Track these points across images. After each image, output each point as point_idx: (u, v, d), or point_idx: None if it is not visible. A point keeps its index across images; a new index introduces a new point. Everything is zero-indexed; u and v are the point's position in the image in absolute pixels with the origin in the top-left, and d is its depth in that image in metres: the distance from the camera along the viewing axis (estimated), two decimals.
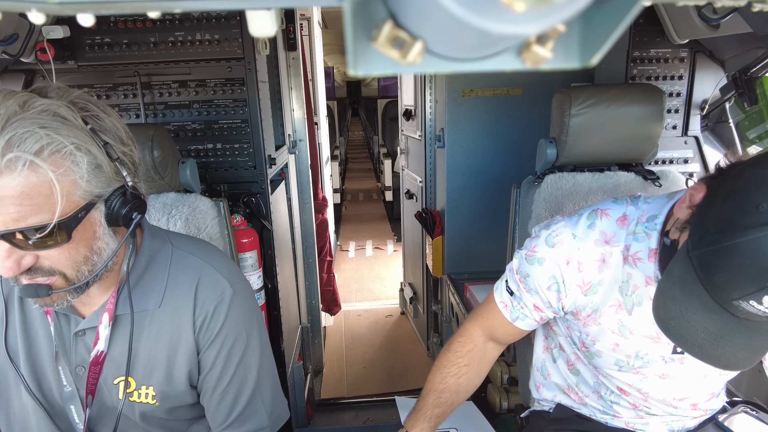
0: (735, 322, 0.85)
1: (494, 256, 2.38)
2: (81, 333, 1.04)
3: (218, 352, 1.09)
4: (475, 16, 0.27)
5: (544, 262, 1.17)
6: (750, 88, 1.71)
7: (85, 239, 0.90)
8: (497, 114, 2.35)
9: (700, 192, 0.93)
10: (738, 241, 0.79)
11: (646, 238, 1.09)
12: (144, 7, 0.38)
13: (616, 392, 1.26)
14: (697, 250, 0.87)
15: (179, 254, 1.10)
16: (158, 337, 1.07)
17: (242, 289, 1.14)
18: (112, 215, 0.92)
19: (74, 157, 0.83)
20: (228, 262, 1.17)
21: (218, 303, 1.08)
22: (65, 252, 0.88)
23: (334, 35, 6.48)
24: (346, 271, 5.13)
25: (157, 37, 1.76)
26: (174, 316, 1.06)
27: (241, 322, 1.11)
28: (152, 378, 1.07)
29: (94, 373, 1.04)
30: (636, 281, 1.12)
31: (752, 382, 1.67)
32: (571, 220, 1.18)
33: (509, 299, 1.27)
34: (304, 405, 2.52)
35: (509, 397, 2.12)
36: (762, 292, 0.79)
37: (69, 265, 0.89)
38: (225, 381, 1.11)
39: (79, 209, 0.86)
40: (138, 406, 1.08)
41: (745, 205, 0.81)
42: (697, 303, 0.87)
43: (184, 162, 1.60)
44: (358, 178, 9.85)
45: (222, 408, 1.12)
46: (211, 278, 1.09)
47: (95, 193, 0.88)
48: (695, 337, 0.88)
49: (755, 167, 0.85)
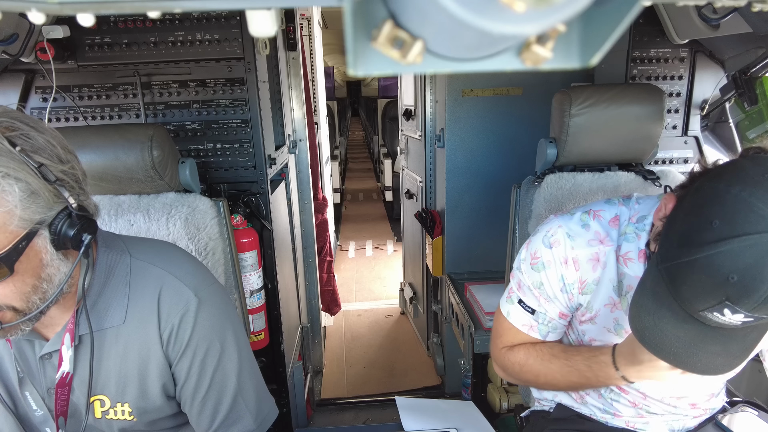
0: (707, 330, 0.87)
1: (494, 256, 2.38)
2: (47, 356, 1.00)
3: (191, 363, 1.05)
4: (475, 16, 0.27)
5: (550, 264, 1.17)
6: (750, 88, 1.71)
7: (30, 269, 0.84)
8: (497, 114, 2.35)
9: (670, 203, 0.95)
10: (695, 257, 0.81)
11: (636, 238, 1.10)
12: (144, 7, 0.38)
13: (616, 391, 1.26)
14: (664, 263, 0.88)
15: (138, 264, 1.04)
16: (126, 353, 1.02)
17: (209, 295, 1.08)
18: (59, 239, 0.86)
19: (1, 186, 0.78)
20: (192, 268, 1.10)
21: (183, 314, 1.03)
22: (10, 285, 0.83)
23: (334, 35, 6.48)
24: (346, 271, 5.13)
25: (157, 37, 1.76)
26: (140, 330, 1.02)
27: (211, 331, 1.06)
28: (126, 395, 1.04)
29: (62, 394, 1.00)
30: (629, 281, 1.12)
31: (752, 382, 1.67)
32: (564, 218, 1.18)
33: (532, 319, 1.22)
34: (304, 405, 2.52)
35: (509, 397, 2.13)
36: (722, 305, 0.80)
37: (17, 298, 0.85)
38: (203, 390, 1.07)
39: (18, 240, 0.81)
40: (116, 423, 1.06)
41: (701, 221, 0.82)
42: (668, 314, 0.88)
43: (183, 162, 1.60)
44: (358, 178, 9.84)
45: (204, 417, 1.09)
46: (174, 289, 1.03)
47: (35, 219, 0.83)
48: (669, 345, 0.90)
49: (713, 181, 0.86)
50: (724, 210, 0.80)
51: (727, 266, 0.78)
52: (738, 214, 0.79)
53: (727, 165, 0.90)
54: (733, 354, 0.90)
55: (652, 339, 0.92)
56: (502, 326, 1.28)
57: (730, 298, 0.79)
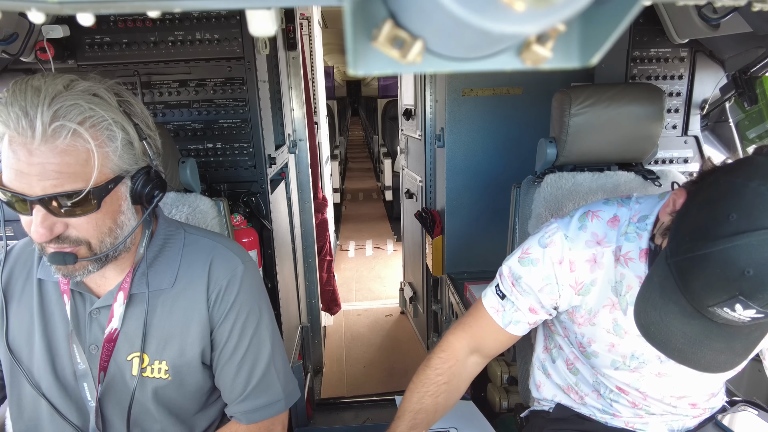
0: (713, 326, 0.87)
1: (494, 256, 2.36)
2: (96, 312, 1.09)
3: (233, 325, 1.14)
4: (475, 16, 0.27)
5: (538, 262, 1.17)
6: (750, 87, 1.71)
7: (111, 211, 0.97)
8: (497, 114, 2.35)
9: (681, 198, 0.94)
10: (709, 251, 0.81)
11: (638, 238, 1.10)
12: (144, 7, 0.38)
13: (615, 391, 1.26)
14: (674, 257, 0.88)
15: (192, 238, 1.17)
16: (171, 313, 1.11)
17: (252, 267, 1.20)
18: (136, 192, 0.99)
19: (111, 131, 0.92)
20: (238, 245, 1.24)
21: (231, 277, 1.14)
22: (93, 221, 0.94)
23: (334, 34, 6.48)
24: (346, 271, 5.13)
25: (156, 36, 1.76)
26: (187, 293, 1.12)
27: (253, 297, 1.17)
28: (165, 352, 1.11)
29: (107, 350, 1.08)
30: (629, 281, 1.12)
31: (752, 381, 1.67)
32: (563, 221, 1.19)
33: (500, 303, 1.24)
34: (304, 404, 2.52)
35: (509, 397, 2.12)
36: (733, 300, 0.80)
37: (94, 235, 0.96)
38: (240, 353, 1.15)
39: (109, 180, 0.94)
40: (151, 383, 1.11)
41: (717, 215, 0.82)
42: (675, 309, 0.88)
43: (184, 161, 1.60)
44: (358, 178, 9.84)
45: (239, 380, 1.16)
46: (224, 256, 1.15)
47: (124, 168, 0.96)
48: (675, 341, 0.90)
49: (729, 175, 0.85)
50: (742, 204, 0.80)
51: (743, 260, 0.77)
52: (757, 208, 0.78)
53: (742, 161, 0.89)
54: (737, 352, 0.90)
55: (657, 334, 0.91)
56: (475, 306, 1.31)
57: (744, 292, 0.78)
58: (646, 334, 0.93)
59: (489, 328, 1.26)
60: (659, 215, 1.05)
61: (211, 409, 1.24)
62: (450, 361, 1.27)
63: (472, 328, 1.29)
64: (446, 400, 1.27)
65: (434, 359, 1.28)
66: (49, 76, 0.88)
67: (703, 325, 0.87)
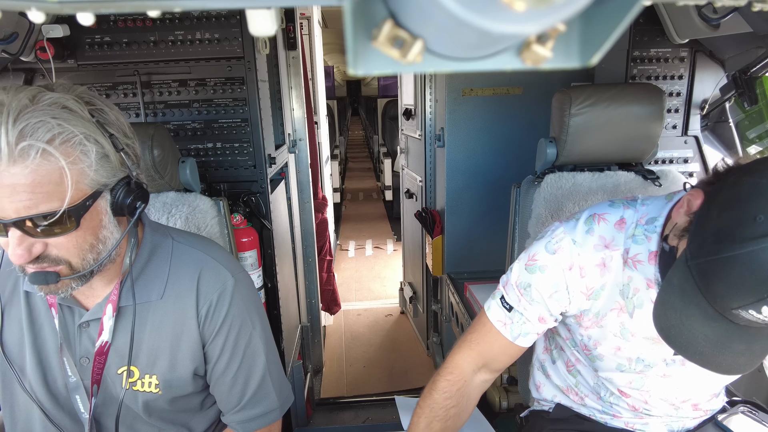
0: (735, 328, 0.86)
1: (494, 256, 2.38)
2: (85, 325, 1.06)
3: (225, 340, 1.12)
4: (475, 16, 0.27)
5: (546, 269, 1.14)
6: (750, 87, 1.71)
7: (91, 227, 0.92)
8: (497, 113, 2.35)
9: (698, 199, 0.92)
10: (736, 253, 0.79)
11: (646, 240, 1.08)
12: (144, 6, 0.38)
13: (617, 394, 1.26)
14: (695, 259, 0.87)
15: (180, 247, 1.13)
16: (161, 327, 1.09)
17: (243, 278, 1.17)
18: (117, 204, 0.95)
19: (83, 146, 0.87)
20: (228, 255, 1.21)
21: (221, 293, 1.11)
22: (73, 240, 0.90)
23: (334, 34, 6.48)
24: (345, 271, 5.13)
25: (156, 36, 1.76)
26: (177, 306, 1.09)
27: (244, 309, 1.14)
28: (155, 367, 1.10)
29: (99, 363, 1.06)
30: (637, 284, 1.11)
31: (752, 382, 1.67)
32: (569, 225, 1.16)
33: (508, 316, 1.20)
34: (303, 404, 2.52)
35: (509, 397, 2.12)
36: (761, 303, 0.79)
37: (75, 253, 0.92)
38: (234, 366, 1.14)
39: (86, 197, 0.89)
40: (141, 395, 1.10)
41: (742, 216, 0.81)
42: (696, 311, 0.87)
43: (183, 161, 1.60)
44: (358, 178, 9.84)
45: (234, 393, 1.15)
46: (213, 269, 1.12)
47: (102, 182, 0.92)
48: (696, 344, 0.88)
49: (752, 176, 0.84)
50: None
51: None
52: None
53: (763, 160, 0.88)
54: (756, 353, 0.90)
55: (678, 338, 0.90)
56: (479, 320, 1.27)
57: None
58: (666, 337, 0.92)
59: (497, 343, 1.22)
60: (672, 216, 1.03)
61: (210, 411, 1.24)
62: (458, 384, 1.23)
63: (479, 345, 1.25)
64: (455, 423, 1.24)
65: (442, 382, 1.24)
66: (12, 89, 0.83)
67: (725, 327, 0.85)
